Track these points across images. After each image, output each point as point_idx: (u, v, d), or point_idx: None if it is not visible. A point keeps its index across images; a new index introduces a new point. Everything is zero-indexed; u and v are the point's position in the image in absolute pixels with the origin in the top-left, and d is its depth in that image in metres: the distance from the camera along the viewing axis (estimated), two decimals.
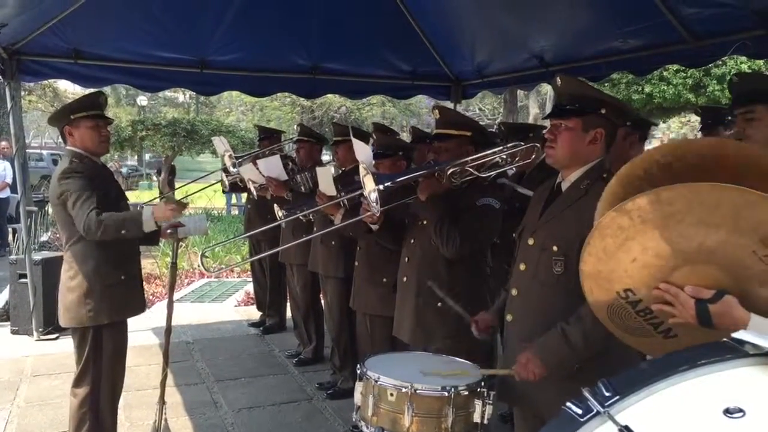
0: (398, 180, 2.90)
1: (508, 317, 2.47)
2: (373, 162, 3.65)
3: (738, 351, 0.97)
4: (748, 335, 1.00)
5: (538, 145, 3.33)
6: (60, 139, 3.86)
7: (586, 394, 0.95)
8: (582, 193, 2.28)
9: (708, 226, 1.36)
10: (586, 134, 2.28)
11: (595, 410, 0.93)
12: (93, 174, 3.35)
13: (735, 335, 1.02)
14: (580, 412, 0.94)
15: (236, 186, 6.04)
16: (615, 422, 0.91)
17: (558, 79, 2.37)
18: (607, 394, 0.94)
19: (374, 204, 2.83)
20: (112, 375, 3.42)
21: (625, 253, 1.45)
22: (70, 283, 3.34)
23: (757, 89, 2.81)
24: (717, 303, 1.40)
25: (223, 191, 7.47)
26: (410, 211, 3.35)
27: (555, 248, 2.27)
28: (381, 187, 2.75)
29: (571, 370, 2.21)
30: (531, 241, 2.40)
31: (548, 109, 15.72)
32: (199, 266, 9.35)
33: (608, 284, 1.51)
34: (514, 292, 2.45)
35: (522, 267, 2.42)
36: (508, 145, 3.19)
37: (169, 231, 3.56)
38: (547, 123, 2.50)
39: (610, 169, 2.37)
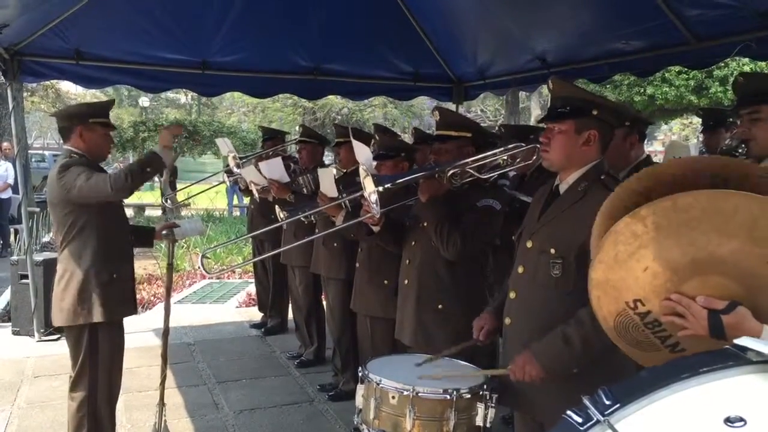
0: (398, 181, 2.89)
1: (507, 320, 2.46)
2: (375, 163, 3.65)
3: (740, 358, 0.96)
4: (750, 342, 0.99)
5: (538, 146, 3.32)
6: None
7: (587, 402, 0.94)
8: (580, 195, 2.28)
9: (722, 235, 1.35)
10: (579, 136, 2.28)
11: (595, 419, 0.92)
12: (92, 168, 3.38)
13: (737, 341, 1.01)
14: (580, 420, 0.93)
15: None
16: (615, 431, 0.90)
17: (550, 82, 2.38)
18: (607, 402, 0.93)
19: (374, 205, 2.82)
20: (109, 377, 3.42)
21: (636, 261, 1.42)
22: (64, 283, 3.36)
23: (763, 89, 2.80)
24: (730, 314, 1.37)
25: (228, 174, 7.37)
26: (411, 212, 3.34)
27: (553, 251, 2.27)
28: (381, 188, 2.74)
29: (568, 373, 2.20)
30: (529, 244, 2.39)
31: None
32: (200, 267, 9.34)
33: (617, 293, 1.49)
34: (512, 294, 2.44)
35: (520, 270, 2.41)
36: (509, 146, 3.18)
37: (164, 232, 3.57)
38: None
39: (608, 170, 2.37)
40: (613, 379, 1.04)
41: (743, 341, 0.99)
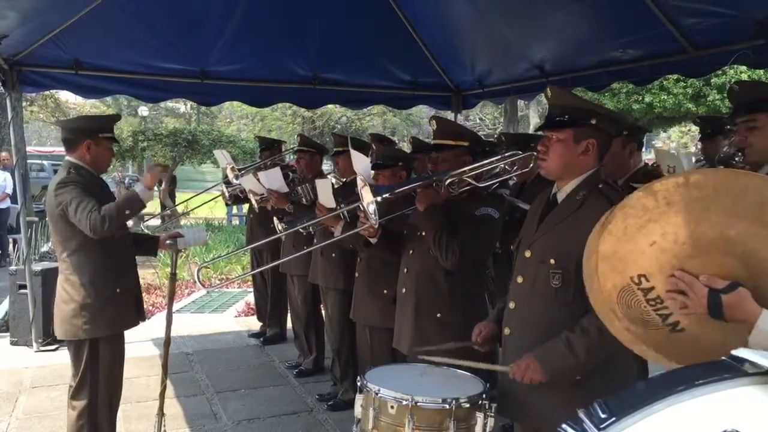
0: (396, 191, 2.89)
1: (506, 331, 2.45)
2: (373, 173, 3.65)
3: (737, 370, 0.96)
4: (747, 353, 0.98)
5: (535, 153, 3.33)
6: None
7: (582, 416, 0.94)
8: (578, 204, 2.27)
9: (732, 216, 1.38)
10: (578, 145, 2.28)
11: None
12: (90, 183, 3.40)
13: (734, 353, 1.00)
14: None
15: (238, 198, 6.07)
16: None
17: (548, 91, 2.37)
18: (603, 415, 0.93)
19: (372, 216, 2.82)
20: (109, 386, 3.42)
21: (644, 235, 1.46)
22: (66, 295, 3.35)
23: (759, 97, 2.80)
24: (730, 294, 1.40)
25: (226, 204, 7.45)
26: (409, 222, 3.34)
27: (552, 261, 2.26)
28: (379, 198, 2.74)
29: (570, 380, 2.20)
30: (528, 254, 2.38)
31: None
32: (197, 280, 9.32)
33: (623, 266, 1.51)
34: (511, 305, 2.43)
35: (519, 280, 2.40)
36: (506, 154, 3.18)
37: (168, 242, 3.58)
38: None
39: (605, 179, 2.37)
40: (615, 388, 1.03)
41: (740, 352, 0.99)
